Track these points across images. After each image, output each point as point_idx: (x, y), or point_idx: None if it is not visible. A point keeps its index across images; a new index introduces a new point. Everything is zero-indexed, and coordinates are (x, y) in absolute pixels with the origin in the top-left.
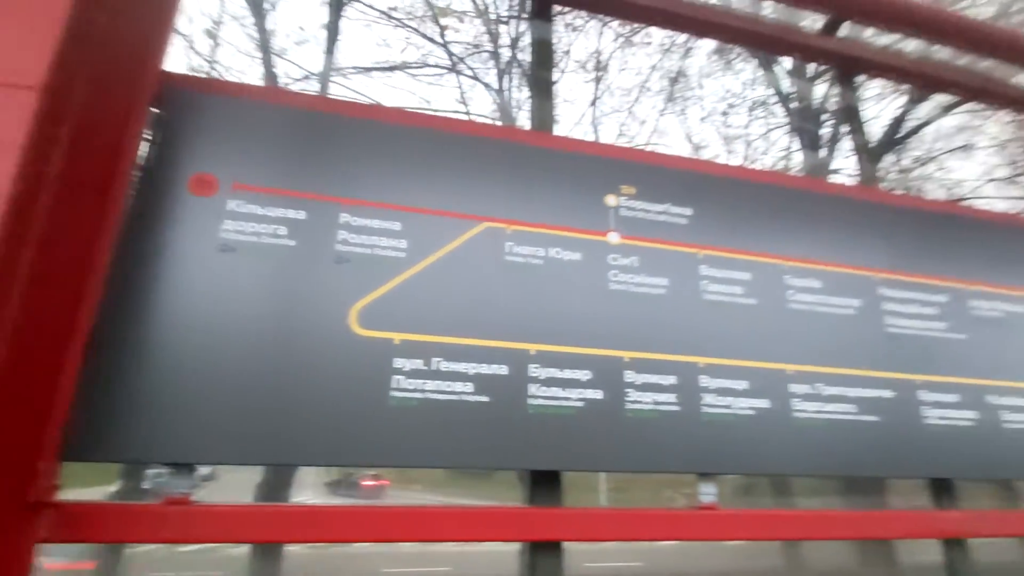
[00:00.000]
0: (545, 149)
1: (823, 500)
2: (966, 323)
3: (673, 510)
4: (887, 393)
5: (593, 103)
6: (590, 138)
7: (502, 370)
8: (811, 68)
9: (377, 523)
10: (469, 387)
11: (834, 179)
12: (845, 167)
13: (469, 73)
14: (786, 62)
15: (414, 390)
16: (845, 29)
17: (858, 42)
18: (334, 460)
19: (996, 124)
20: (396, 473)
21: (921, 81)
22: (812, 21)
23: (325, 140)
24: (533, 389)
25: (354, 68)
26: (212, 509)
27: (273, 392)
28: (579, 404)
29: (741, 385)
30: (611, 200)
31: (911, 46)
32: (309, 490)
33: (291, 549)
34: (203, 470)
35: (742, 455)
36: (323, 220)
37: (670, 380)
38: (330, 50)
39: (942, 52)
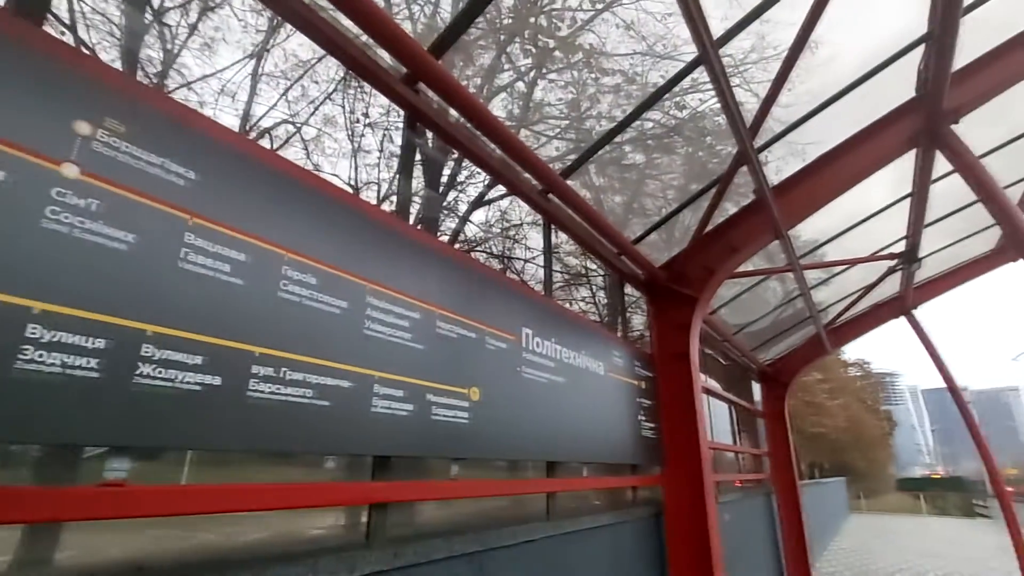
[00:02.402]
0: (21, 43)
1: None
2: (428, 338)
3: (68, 487)
4: (346, 383)
5: (256, 58)
6: (244, 94)
7: None
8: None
9: None
10: None
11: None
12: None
13: None
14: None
15: None
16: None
17: (428, 101)
18: None
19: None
20: None
21: (471, 157)
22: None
23: None
24: None
25: None
26: None
27: None
28: None
29: (195, 360)
30: (84, 128)
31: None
32: None
33: None
34: None
35: (177, 430)
36: None
37: (98, 343)
38: None
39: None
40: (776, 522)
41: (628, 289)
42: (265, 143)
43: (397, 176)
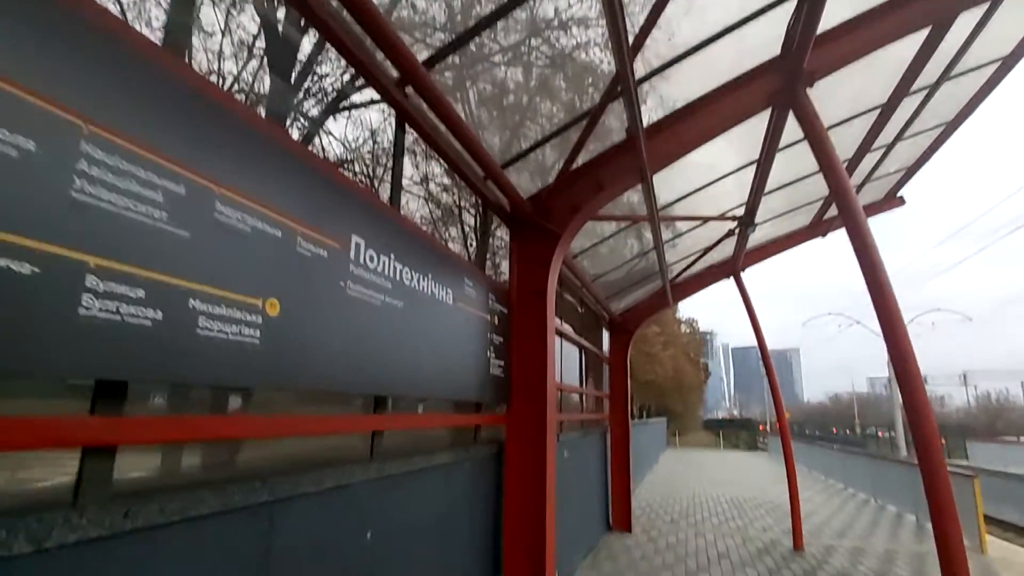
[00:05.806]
0: None
1: None
2: (199, 223)
3: None
4: (26, 268)
5: None
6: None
7: None
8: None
9: None
10: None
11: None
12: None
13: None
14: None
15: None
16: None
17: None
18: None
19: None
20: None
21: (310, 17)
22: None
23: None
24: None
25: None
26: None
27: None
28: None
29: None
30: None
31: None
32: None
33: None
34: None
35: None
36: None
37: None
38: None
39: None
40: (608, 457)
41: (502, 232)
42: None
43: None
